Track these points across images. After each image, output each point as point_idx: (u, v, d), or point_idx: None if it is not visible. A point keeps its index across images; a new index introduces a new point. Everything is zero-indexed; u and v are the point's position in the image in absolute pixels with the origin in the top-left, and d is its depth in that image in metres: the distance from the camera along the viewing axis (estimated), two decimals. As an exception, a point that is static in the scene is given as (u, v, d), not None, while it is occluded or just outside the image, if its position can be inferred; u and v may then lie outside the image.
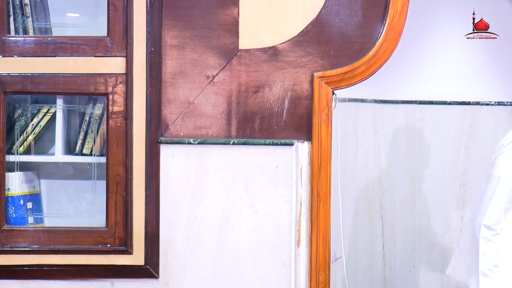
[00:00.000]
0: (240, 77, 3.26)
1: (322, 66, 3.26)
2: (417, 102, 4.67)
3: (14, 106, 3.39)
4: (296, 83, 3.26)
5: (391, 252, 4.81)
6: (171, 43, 3.25)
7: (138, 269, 3.24)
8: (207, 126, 3.27)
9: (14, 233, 3.26)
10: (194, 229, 3.26)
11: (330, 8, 3.26)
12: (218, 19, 3.26)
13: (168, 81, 3.26)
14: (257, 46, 3.26)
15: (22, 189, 3.38)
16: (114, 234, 3.24)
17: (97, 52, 3.23)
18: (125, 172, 3.22)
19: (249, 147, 3.25)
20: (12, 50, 3.23)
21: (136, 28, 3.20)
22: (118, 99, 3.23)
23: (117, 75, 3.23)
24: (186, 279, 3.26)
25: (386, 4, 3.25)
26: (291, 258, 3.25)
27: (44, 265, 3.24)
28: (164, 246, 3.25)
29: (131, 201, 3.22)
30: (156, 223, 3.25)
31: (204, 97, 3.26)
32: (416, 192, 4.73)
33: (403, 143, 4.76)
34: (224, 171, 3.25)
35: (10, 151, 3.34)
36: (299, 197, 3.25)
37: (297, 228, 3.25)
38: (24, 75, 3.23)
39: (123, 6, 3.20)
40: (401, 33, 3.26)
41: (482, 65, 4.63)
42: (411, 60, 4.69)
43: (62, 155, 3.39)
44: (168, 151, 3.25)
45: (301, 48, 3.25)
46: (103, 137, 3.35)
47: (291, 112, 3.26)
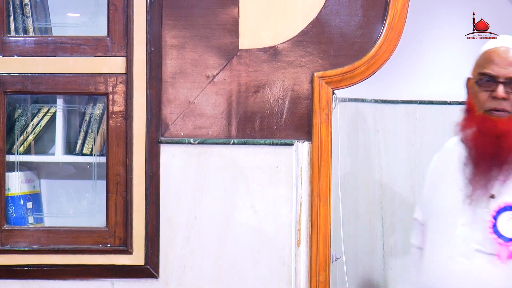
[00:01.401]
0: (240, 77, 3.26)
1: (322, 66, 3.26)
2: (417, 102, 4.67)
3: (14, 106, 3.39)
4: (296, 83, 3.26)
5: (391, 252, 4.80)
6: (171, 43, 3.25)
7: (138, 269, 3.24)
8: (207, 126, 3.27)
9: (14, 233, 3.25)
10: (194, 229, 3.26)
11: (330, 8, 3.26)
12: (218, 19, 3.26)
13: (168, 81, 3.26)
14: (257, 46, 3.26)
15: (22, 189, 3.38)
16: (114, 234, 3.24)
17: (97, 52, 3.23)
18: (125, 172, 3.22)
19: (249, 147, 3.25)
20: (12, 50, 3.23)
21: (136, 28, 3.20)
22: (118, 99, 3.23)
23: (117, 75, 3.23)
24: (186, 279, 3.26)
25: (386, 4, 3.25)
26: (291, 258, 3.25)
27: (44, 265, 3.24)
28: (164, 246, 3.25)
29: (131, 201, 3.22)
30: (156, 223, 3.25)
31: (204, 97, 3.26)
32: (416, 192, 4.73)
33: (403, 143, 4.76)
34: (224, 171, 3.25)
35: (10, 151, 3.34)
36: (299, 197, 3.25)
37: (297, 228, 3.25)
38: (24, 75, 3.22)
39: (123, 6, 3.20)
40: (401, 33, 3.26)
41: (482, 65, 4.62)
42: (411, 60, 4.69)
43: (62, 155, 3.39)
44: (168, 151, 3.25)
45: (301, 48, 3.25)
46: (103, 137, 3.35)
47: (291, 112, 3.26)
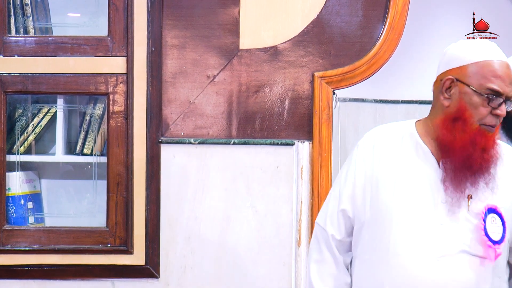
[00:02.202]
0: (240, 77, 3.26)
1: (322, 66, 3.26)
2: (417, 102, 4.67)
3: (15, 106, 3.39)
4: (296, 83, 3.26)
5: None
6: (172, 43, 3.25)
7: (138, 269, 3.24)
8: (207, 126, 3.27)
9: (15, 233, 3.25)
10: (194, 229, 3.26)
11: (330, 8, 3.26)
12: (219, 19, 3.26)
13: (168, 81, 3.25)
14: (257, 46, 3.26)
15: (22, 189, 3.38)
16: (115, 234, 3.23)
17: (97, 52, 3.23)
18: (125, 172, 3.22)
19: (250, 147, 3.25)
20: (13, 50, 3.23)
21: (137, 28, 3.19)
22: (118, 99, 3.23)
23: (118, 75, 3.23)
24: (186, 279, 3.26)
25: (387, 4, 3.25)
26: (292, 258, 3.25)
27: (44, 265, 3.24)
28: (164, 246, 3.25)
29: (131, 201, 3.22)
30: (156, 223, 3.25)
31: (205, 97, 3.26)
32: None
33: None
34: (225, 171, 3.25)
35: (10, 151, 3.34)
36: (299, 197, 3.25)
37: (297, 228, 3.25)
38: (24, 75, 3.22)
39: (123, 6, 3.20)
40: (401, 33, 3.26)
41: (482, 65, 4.62)
42: (411, 60, 4.69)
43: (63, 155, 3.39)
44: (169, 151, 3.25)
45: (301, 48, 3.25)
46: (103, 137, 3.35)
47: (292, 112, 3.26)
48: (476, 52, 2.29)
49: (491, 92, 2.24)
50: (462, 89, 2.26)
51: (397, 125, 2.43)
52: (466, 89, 2.26)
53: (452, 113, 2.28)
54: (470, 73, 2.27)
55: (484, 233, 2.26)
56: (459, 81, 2.27)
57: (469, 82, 2.26)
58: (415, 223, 2.28)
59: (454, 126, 2.27)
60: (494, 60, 2.28)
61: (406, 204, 2.29)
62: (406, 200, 2.30)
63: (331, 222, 2.41)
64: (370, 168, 2.37)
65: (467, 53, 2.29)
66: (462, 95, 2.26)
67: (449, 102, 2.28)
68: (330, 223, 2.41)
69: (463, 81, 2.27)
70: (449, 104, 2.28)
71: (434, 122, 2.32)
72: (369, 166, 2.38)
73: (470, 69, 2.27)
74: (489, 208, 2.30)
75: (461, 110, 2.27)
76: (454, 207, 2.28)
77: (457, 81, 2.27)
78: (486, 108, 2.25)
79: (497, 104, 2.25)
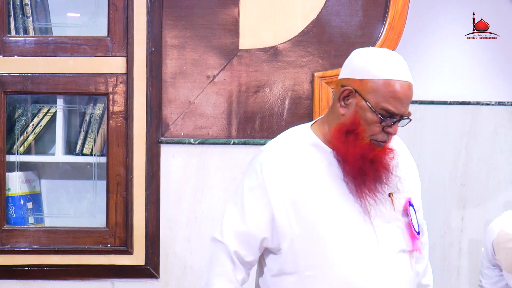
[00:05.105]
0: (240, 77, 3.26)
1: (322, 66, 3.25)
2: (417, 102, 4.66)
3: (15, 106, 3.39)
4: (296, 83, 3.26)
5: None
6: (172, 43, 3.25)
7: (138, 269, 3.24)
8: (207, 126, 3.27)
9: (15, 233, 3.25)
10: (194, 229, 3.25)
11: (330, 8, 3.26)
12: (219, 19, 3.25)
13: (168, 81, 3.25)
14: (257, 46, 3.26)
15: (22, 189, 3.38)
16: (115, 234, 3.23)
17: (97, 52, 3.23)
18: (125, 172, 3.22)
19: (250, 147, 3.24)
20: (13, 50, 3.23)
21: (137, 28, 3.20)
22: (118, 99, 3.23)
23: (118, 75, 3.23)
24: (186, 279, 3.26)
25: (387, 4, 3.25)
26: (292, 258, 3.25)
27: (44, 265, 3.24)
28: (164, 246, 3.25)
29: (131, 201, 3.22)
30: (156, 223, 3.24)
31: (205, 97, 3.26)
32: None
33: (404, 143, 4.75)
34: (225, 171, 3.25)
35: (10, 151, 3.34)
36: (299, 197, 3.24)
37: (297, 228, 3.24)
38: (24, 75, 3.22)
39: (123, 6, 3.20)
40: (401, 33, 3.26)
41: (483, 65, 4.62)
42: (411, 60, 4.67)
43: (63, 155, 3.39)
44: (169, 151, 3.25)
45: (301, 48, 3.25)
46: (103, 137, 3.35)
47: (292, 112, 3.26)
48: (381, 67, 2.26)
49: (385, 113, 2.24)
50: (359, 102, 2.25)
51: (292, 138, 2.34)
52: (363, 104, 2.24)
53: (346, 124, 2.26)
54: (369, 89, 2.24)
55: (413, 228, 2.30)
56: (358, 93, 2.25)
57: (367, 98, 2.24)
58: (348, 233, 2.25)
59: (347, 139, 2.26)
60: (397, 80, 2.26)
61: (333, 216, 2.25)
62: (333, 212, 2.25)
63: (239, 242, 2.29)
64: (286, 192, 2.27)
65: (372, 67, 2.26)
66: (358, 108, 2.25)
67: (345, 110, 2.27)
68: (237, 243, 2.29)
69: (361, 94, 2.24)
70: (344, 113, 2.26)
71: (331, 130, 2.29)
72: (284, 190, 2.27)
73: (370, 84, 2.24)
74: (409, 201, 2.35)
75: (355, 124, 2.26)
76: (380, 209, 2.29)
77: (356, 93, 2.26)
78: (378, 126, 2.26)
79: (389, 124, 2.27)
